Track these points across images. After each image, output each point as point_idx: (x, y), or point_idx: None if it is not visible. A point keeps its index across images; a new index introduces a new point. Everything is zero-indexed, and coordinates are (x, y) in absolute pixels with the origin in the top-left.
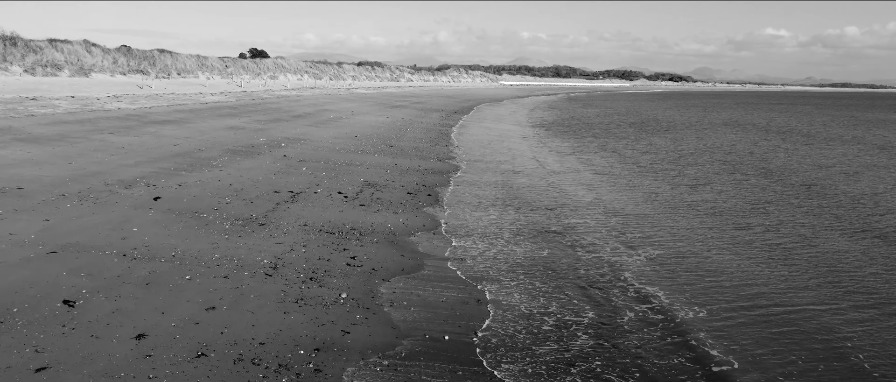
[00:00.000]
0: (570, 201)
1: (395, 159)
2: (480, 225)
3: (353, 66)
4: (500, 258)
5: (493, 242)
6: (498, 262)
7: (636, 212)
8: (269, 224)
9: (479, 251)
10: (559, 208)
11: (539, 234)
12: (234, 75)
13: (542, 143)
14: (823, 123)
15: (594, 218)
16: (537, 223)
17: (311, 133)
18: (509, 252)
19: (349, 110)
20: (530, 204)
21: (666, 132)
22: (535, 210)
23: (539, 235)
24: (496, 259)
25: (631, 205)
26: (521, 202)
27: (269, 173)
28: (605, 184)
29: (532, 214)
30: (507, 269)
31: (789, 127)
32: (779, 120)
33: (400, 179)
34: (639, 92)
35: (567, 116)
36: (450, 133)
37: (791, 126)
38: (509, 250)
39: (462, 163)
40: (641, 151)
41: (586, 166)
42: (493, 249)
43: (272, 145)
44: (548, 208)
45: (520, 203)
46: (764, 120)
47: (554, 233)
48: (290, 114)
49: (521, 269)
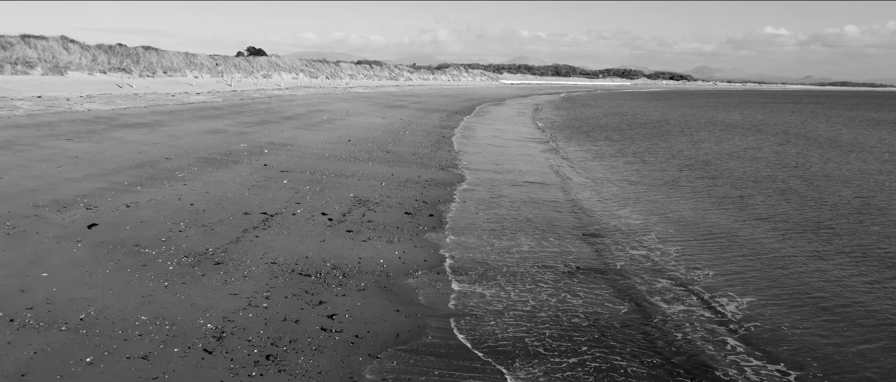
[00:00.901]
0: (610, 225)
1: (392, 167)
2: (497, 260)
3: (351, 64)
4: (533, 317)
5: (517, 289)
6: (531, 324)
7: (694, 236)
8: (227, 262)
9: (502, 304)
10: (600, 235)
11: (582, 275)
12: (225, 74)
13: (556, 147)
14: (839, 125)
15: (649, 248)
16: (575, 257)
17: (300, 137)
18: (544, 308)
19: (344, 111)
20: (559, 227)
21: (680, 134)
22: (567, 237)
23: (582, 276)
24: (528, 320)
25: (685, 228)
26: (547, 225)
27: (242, 187)
28: (642, 199)
29: (564, 242)
30: (544, 339)
31: (807, 130)
32: (791, 120)
33: (396, 193)
34: (640, 91)
35: (575, 117)
36: (452, 136)
37: (809, 129)
38: (543, 304)
39: (467, 172)
40: (663, 156)
41: (612, 174)
42: (521, 302)
43: (253, 152)
44: (585, 235)
45: (545, 226)
46: (776, 121)
47: (599, 272)
48: (280, 115)
49: (566, 340)
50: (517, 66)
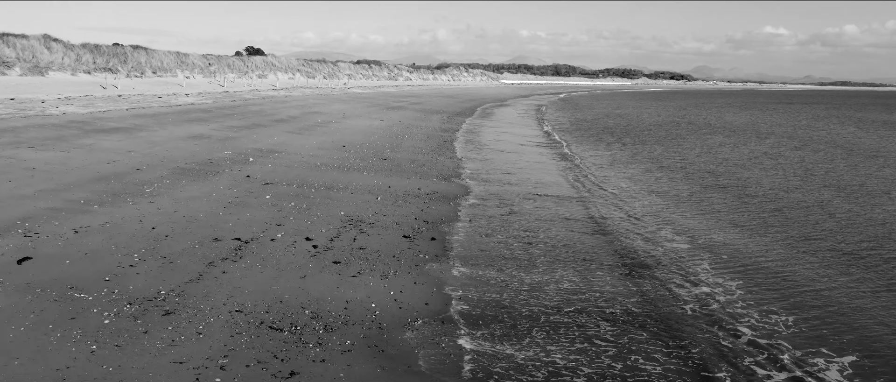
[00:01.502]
0: (653, 252)
1: (389, 178)
2: (524, 302)
3: (350, 64)
4: None
5: (562, 348)
6: None
7: (749, 266)
8: (180, 311)
9: (542, 373)
10: (647, 266)
11: (648, 324)
12: (218, 74)
13: (567, 153)
14: (853, 128)
15: (709, 283)
16: (629, 298)
17: (290, 143)
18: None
19: (340, 113)
20: (594, 256)
21: (692, 137)
22: (607, 269)
23: (650, 327)
24: None
25: (735, 255)
26: (578, 252)
27: (217, 205)
28: (676, 218)
29: (608, 277)
30: None
31: (822, 133)
32: (802, 122)
33: (393, 210)
34: (642, 91)
35: (580, 118)
36: (454, 141)
37: (824, 132)
38: (606, 373)
39: (473, 183)
40: (680, 162)
41: (634, 185)
42: (570, 370)
43: (237, 161)
44: (630, 266)
45: (577, 254)
46: (787, 123)
47: (667, 321)
48: (272, 118)
49: None
50: (517, 65)
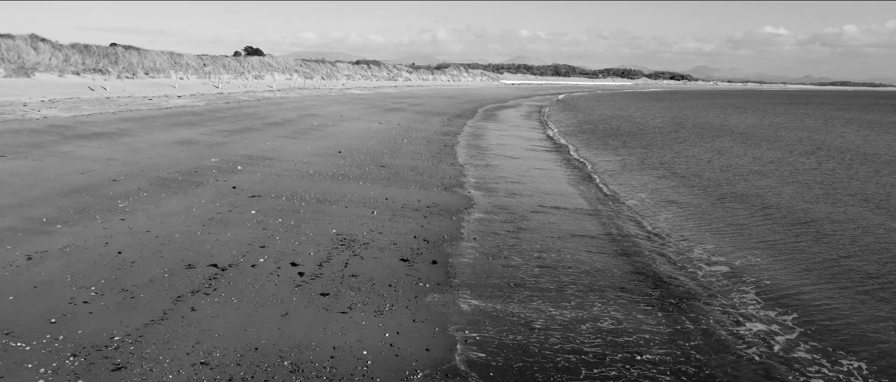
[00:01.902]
0: (694, 279)
1: (387, 187)
2: (549, 348)
3: (349, 64)
4: None
5: None
6: None
7: (797, 294)
8: (133, 366)
9: None
10: (693, 297)
11: (700, 378)
12: (213, 75)
13: (575, 158)
14: (865, 131)
15: (764, 320)
16: (672, 340)
17: (284, 148)
18: None
19: (337, 115)
20: (625, 283)
21: (701, 141)
22: (643, 299)
23: None
24: None
25: (779, 280)
26: (608, 278)
27: (196, 222)
28: (705, 235)
29: (645, 311)
30: None
31: (832, 136)
32: (811, 124)
33: (390, 227)
34: (642, 91)
35: (584, 120)
36: (455, 145)
37: (834, 135)
38: None
39: (476, 193)
40: (694, 168)
41: (651, 196)
42: None
43: (224, 170)
44: (671, 298)
45: (607, 281)
46: (795, 125)
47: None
48: (266, 121)
49: None
50: (517, 66)
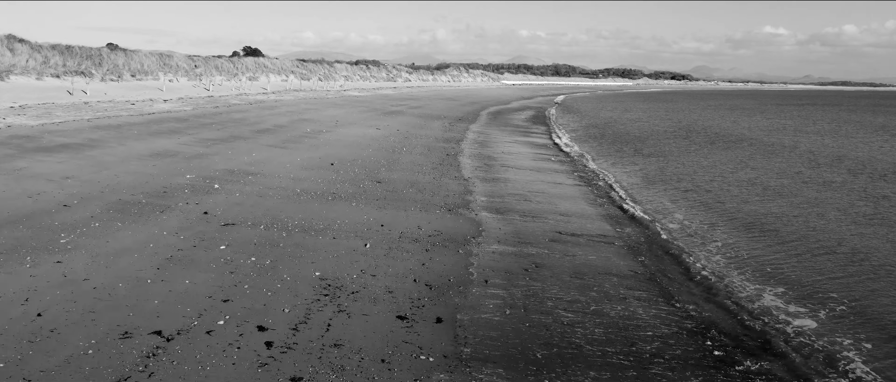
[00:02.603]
0: (787, 344)
1: (383, 210)
2: None
3: (347, 65)
4: None
5: None
6: None
7: None
8: None
9: None
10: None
11: None
12: (205, 77)
13: (587, 168)
14: (884, 137)
15: None
16: None
17: (271, 160)
18: None
19: (333, 120)
20: (682, 350)
21: (714, 147)
22: (713, 375)
23: None
24: None
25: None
26: (659, 342)
27: (152, 263)
28: (761, 266)
29: None
30: None
31: (852, 144)
32: (826, 128)
33: (385, 267)
34: (644, 92)
35: (591, 123)
36: (458, 154)
37: (855, 143)
38: None
39: (485, 215)
40: (720, 180)
41: (687, 217)
42: None
43: (198, 189)
44: (750, 375)
45: (655, 346)
46: (810, 128)
47: None
48: (255, 127)
49: None
50: (517, 66)
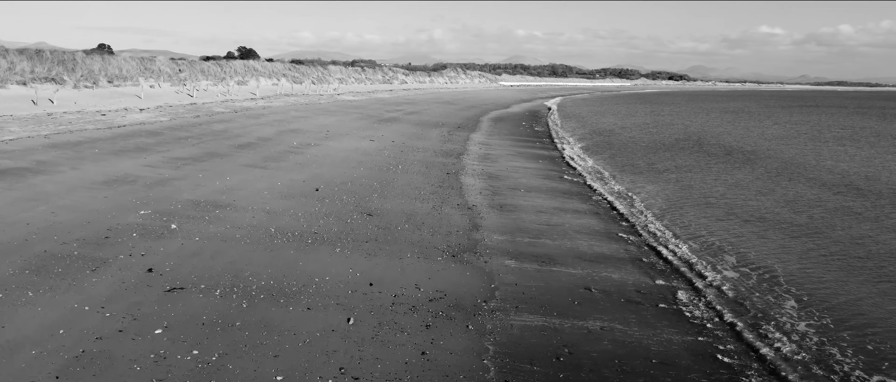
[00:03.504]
0: None
1: (373, 258)
2: None
3: (341, 67)
4: None
5: None
6: None
7: None
8: None
9: None
10: None
11: None
12: (189, 81)
13: (600, 189)
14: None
15: None
16: None
17: (246, 186)
18: None
19: (323, 130)
20: None
21: (728, 157)
22: None
23: None
24: None
25: None
26: None
27: (51, 365)
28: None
29: None
30: None
31: (886, 161)
32: (839, 133)
33: (372, 359)
34: (643, 92)
35: (595, 129)
36: (460, 172)
37: (886, 159)
38: None
39: (497, 262)
40: (755, 201)
41: (732, 256)
42: None
43: (148, 233)
44: None
45: None
46: (826, 136)
47: None
48: (236, 142)
49: None
50: (514, 66)
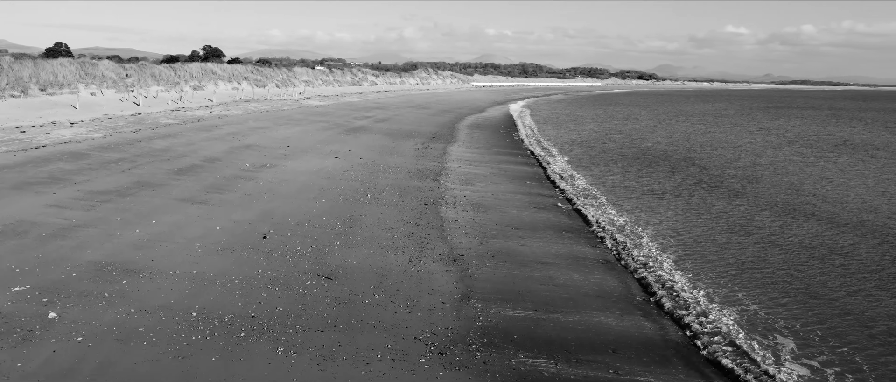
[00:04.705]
0: None
1: (327, 365)
2: None
3: (308, 69)
4: None
5: None
6: None
7: None
8: None
9: None
10: None
11: None
12: (138, 87)
13: (598, 222)
14: None
15: None
16: None
17: (173, 235)
18: None
19: (283, 145)
20: None
21: (722, 173)
22: None
23: None
24: None
25: None
26: None
27: None
28: None
29: None
30: None
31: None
32: (829, 140)
33: None
34: (615, 92)
35: (577, 138)
36: (439, 200)
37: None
38: None
39: (499, 359)
40: (775, 248)
41: (793, 340)
42: None
43: (7, 332)
44: None
45: None
46: (815, 143)
47: None
48: (176, 165)
49: None
50: (484, 64)
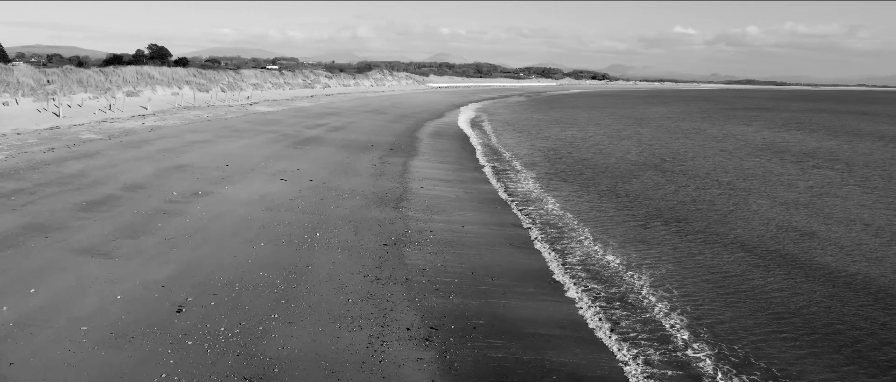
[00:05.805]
0: None
1: None
2: None
3: (258, 70)
4: None
5: None
6: None
7: None
8: None
9: None
10: None
11: None
12: (61, 94)
13: (583, 262)
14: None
15: None
16: None
17: (50, 319)
18: None
19: (222, 164)
20: None
21: (709, 195)
22: None
23: None
24: None
25: None
26: None
27: None
28: None
29: None
30: None
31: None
32: (811, 149)
33: None
34: (570, 93)
35: (544, 146)
36: (402, 238)
37: (870, 169)
38: None
39: None
40: (763, 283)
41: None
42: None
43: None
44: None
45: None
46: (788, 151)
47: None
48: (88, 196)
49: None
50: (440, 64)
